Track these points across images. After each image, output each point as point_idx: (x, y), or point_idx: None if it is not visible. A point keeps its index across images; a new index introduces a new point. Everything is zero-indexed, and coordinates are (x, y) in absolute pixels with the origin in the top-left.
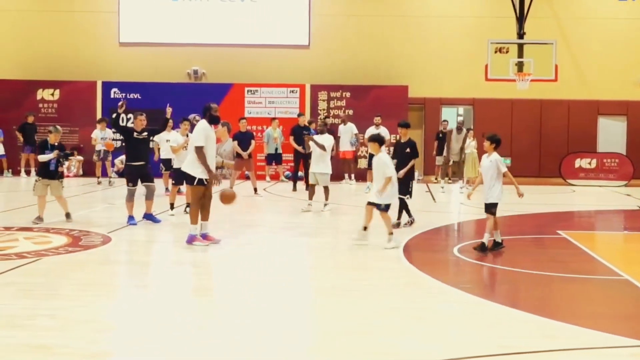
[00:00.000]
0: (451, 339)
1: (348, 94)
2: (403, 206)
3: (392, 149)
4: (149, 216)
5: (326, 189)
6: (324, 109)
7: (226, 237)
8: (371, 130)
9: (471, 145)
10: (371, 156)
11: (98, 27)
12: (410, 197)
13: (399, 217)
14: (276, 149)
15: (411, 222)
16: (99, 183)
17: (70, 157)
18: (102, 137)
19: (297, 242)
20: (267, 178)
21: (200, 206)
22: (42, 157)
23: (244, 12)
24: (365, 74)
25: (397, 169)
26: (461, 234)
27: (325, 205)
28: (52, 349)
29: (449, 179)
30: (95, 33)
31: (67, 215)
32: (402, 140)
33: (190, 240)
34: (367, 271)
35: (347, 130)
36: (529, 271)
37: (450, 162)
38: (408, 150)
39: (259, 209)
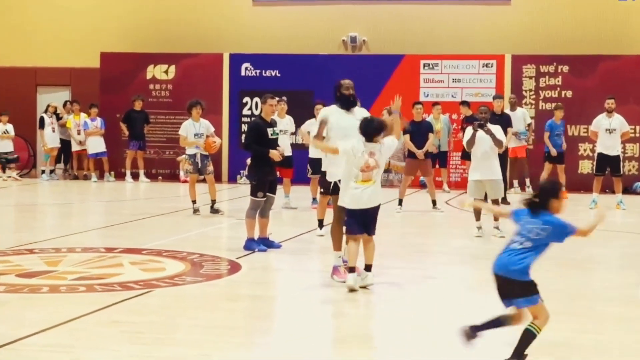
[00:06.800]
0: None
1: (565, 68)
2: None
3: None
4: (264, 241)
5: (497, 202)
6: (530, 90)
7: (390, 268)
8: (600, 120)
9: None
10: (600, 156)
11: None
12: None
13: None
14: (439, 146)
15: None
16: (196, 211)
17: None
18: (197, 132)
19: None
20: (445, 186)
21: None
22: None
23: None
24: (590, 40)
25: None
26: None
27: (497, 228)
28: None
29: None
30: None
31: None
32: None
33: (333, 272)
34: (596, 319)
35: (518, 118)
36: None
37: None
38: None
39: (439, 228)
